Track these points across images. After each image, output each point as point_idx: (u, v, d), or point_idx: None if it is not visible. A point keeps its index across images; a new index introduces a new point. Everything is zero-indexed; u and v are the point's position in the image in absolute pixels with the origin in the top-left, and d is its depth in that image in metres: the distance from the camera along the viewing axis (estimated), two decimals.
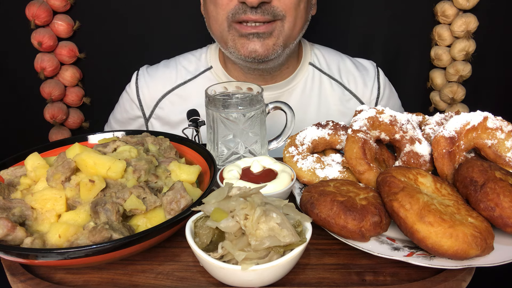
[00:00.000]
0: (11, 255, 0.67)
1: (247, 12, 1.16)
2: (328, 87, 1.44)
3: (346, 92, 1.44)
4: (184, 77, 1.43)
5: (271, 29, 1.20)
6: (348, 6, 1.83)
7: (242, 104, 0.96)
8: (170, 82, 1.43)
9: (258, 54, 1.21)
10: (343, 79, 1.45)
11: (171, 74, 1.44)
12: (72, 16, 1.80)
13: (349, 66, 1.48)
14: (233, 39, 1.22)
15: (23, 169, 0.87)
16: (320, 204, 0.78)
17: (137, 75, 1.46)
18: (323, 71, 1.45)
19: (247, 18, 1.17)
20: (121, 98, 1.51)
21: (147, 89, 1.43)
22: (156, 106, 1.43)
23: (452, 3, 1.79)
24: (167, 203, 0.77)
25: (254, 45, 1.20)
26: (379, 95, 1.47)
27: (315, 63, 1.45)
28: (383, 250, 0.73)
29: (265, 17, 1.17)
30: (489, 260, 0.70)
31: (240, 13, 1.17)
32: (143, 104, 1.44)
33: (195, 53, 1.49)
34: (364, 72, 1.48)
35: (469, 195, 0.78)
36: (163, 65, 1.48)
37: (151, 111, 1.44)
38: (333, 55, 1.50)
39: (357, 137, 0.90)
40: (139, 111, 1.45)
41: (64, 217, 0.76)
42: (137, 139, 0.98)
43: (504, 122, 0.91)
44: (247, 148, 1.01)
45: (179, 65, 1.46)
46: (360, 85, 1.45)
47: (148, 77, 1.44)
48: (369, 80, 1.46)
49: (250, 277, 0.64)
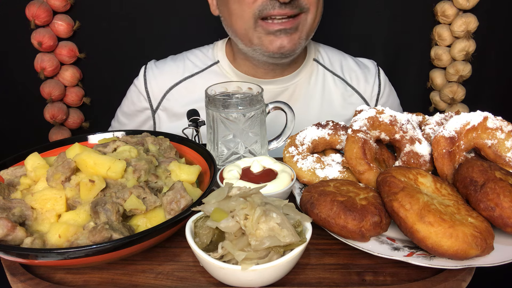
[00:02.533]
0: (11, 255, 0.67)
1: (276, 7, 1.18)
2: (331, 83, 1.47)
3: (348, 88, 1.48)
4: (191, 71, 1.46)
5: (296, 24, 1.22)
6: (348, 6, 1.83)
7: (242, 104, 0.96)
8: (177, 75, 1.47)
9: (287, 49, 1.24)
10: (345, 75, 1.49)
11: (178, 67, 1.48)
12: (72, 16, 1.80)
13: (351, 64, 1.52)
14: (259, 36, 1.24)
15: (23, 169, 0.87)
16: (320, 204, 0.78)
17: (145, 68, 1.49)
18: (327, 67, 1.49)
19: (277, 13, 1.19)
20: (129, 92, 1.54)
21: (155, 82, 1.46)
22: (164, 98, 1.46)
23: (452, 3, 1.79)
24: (167, 203, 0.77)
25: (282, 41, 1.23)
26: (380, 92, 1.51)
27: (319, 60, 1.49)
28: (383, 250, 0.73)
29: (293, 10, 1.20)
30: (489, 260, 0.70)
31: (269, 8, 1.18)
32: (151, 96, 1.46)
33: (202, 49, 1.52)
34: (366, 70, 1.52)
35: (469, 195, 0.78)
36: (170, 59, 1.52)
37: (159, 103, 1.46)
38: (335, 54, 1.54)
39: (357, 137, 0.90)
40: (147, 103, 1.47)
41: (64, 217, 0.76)
42: (137, 139, 0.98)
43: (504, 122, 0.91)
44: (247, 148, 1.01)
45: (187, 59, 1.49)
46: (362, 82, 1.49)
47: (156, 70, 1.48)
48: (370, 77, 1.50)
49: (250, 277, 0.64)
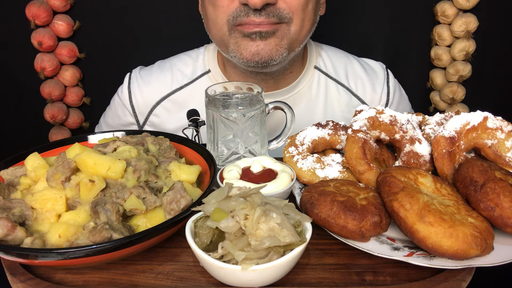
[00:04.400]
0: (11, 255, 0.67)
1: (250, 14, 1.08)
2: (334, 93, 1.35)
3: (353, 98, 1.36)
4: (180, 82, 1.34)
5: (274, 29, 1.11)
6: (348, 6, 1.83)
7: (242, 104, 0.96)
8: (165, 87, 1.34)
9: (262, 56, 1.12)
10: (350, 84, 1.37)
11: (166, 78, 1.34)
12: (72, 16, 1.80)
13: (357, 69, 1.39)
14: (235, 42, 1.13)
15: (23, 169, 0.87)
16: (320, 204, 0.78)
17: (130, 78, 1.37)
18: (330, 75, 1.36)
19: (250, 21, 1.08)
20: (113, 102, 1.41)
21: (140, 95, 1.34)
22: (151, 113, 1.34)
23: (452, 3, 1.79)
24: (167, 203, 0.77)
25: (257, 46, 1.11)
26: (388, 101, 1.39)
27: (321, 67, 1.37)
28: (383, 250, 0.73)
29: (270, 19, 1.09)
30: (489, 260, 0.70)
31: (242, 16, 1.08)
32: (136, 110, 1.34)
33: (191, 54, 1.39)
34: (373, 76, 1.39)
35: (469, 195, 0.78)
36: (157, 67, 1.38)
37: (145, 118, 1.35)
38: (340, 57, 1.41)
39: (357, 137, 0.90)
40: (132, 117, 1.36)
41: (64, 217, 0.76)
42: (137, 139, 0.98)
43: (504, 122, 0.91)
44: (247, 148, 1.01)
45: (175, 68, 1.36)
46: (368, 90, 1.37)
47: (141, 82, 1.34)
48: (378, 85, 1.38)
49: (250, 277, 0.64)
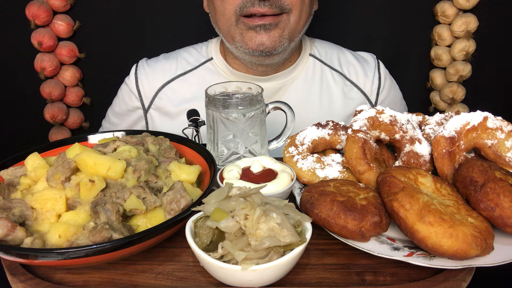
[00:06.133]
0: (11, 255, 0.67)
1: (255, 5, 1.20)
2: (330, 77, 1.45)
3: (347, 83, 1.46)
4: (184, 68, 1.45)
5: (276, 21, 1.23)
6: (348, 6, 1.83)
7: (242, 104, 0.96)
8: (170, 72, 1.44)
9: (266, 46, 1.24)
10: (343, 69, 1.47)
11: (171, 65, 1.46)
12: (72, 16, 1.80)
13: (349, 57, 1.50)
14: (240, 33, 1.25)
15: (23, 169, 0.87)
16: (320, 204, 0.78)
17: (137, 66, 1.47)
18: (324, 62, 1.47)
19: (255, 11, 1.20)
20: (120, 91, 1.51)
21: (147, 80, 1.44)
22: (156, 96, 1.43)
23: (452, 3, 1.79)
24: (167, 203, 0.77)
25: (261, 38, 1.23)
26: (380, 85, 1.48)
27: (316, 54, 1.47)
28: (383, 250, 0.73)
29: (273, 9, 1.21)
30: (489, 260, 0.70)
31: (248, 6, 1.20)
32: (142, 94, 1.44)
33: (195, 46, 1.51)
34: (364, 63, 1.49)
35: (469, 195, 0.78)
36: (163, 57, 1.50)
37: (150, 102, 1.44)
38: (332, 48, 1.53)
39: (357, 137, 0.90)
40: (138, 102, 1.45)
41: (64, 217, 0.76)
42: (137, 139, 0.98)
43: (504, 122, 0.91)
44: (247, 148, 1.01)
45: (180, 57, 1.47)
46: (361, 75, 1.47)
47: (148, 68, 1.45)
48: (370, 71, 1.47)
49: (250, 277, 0.64)
